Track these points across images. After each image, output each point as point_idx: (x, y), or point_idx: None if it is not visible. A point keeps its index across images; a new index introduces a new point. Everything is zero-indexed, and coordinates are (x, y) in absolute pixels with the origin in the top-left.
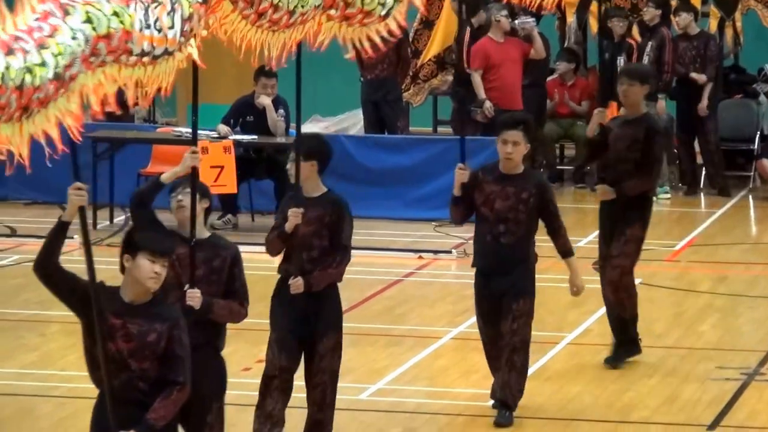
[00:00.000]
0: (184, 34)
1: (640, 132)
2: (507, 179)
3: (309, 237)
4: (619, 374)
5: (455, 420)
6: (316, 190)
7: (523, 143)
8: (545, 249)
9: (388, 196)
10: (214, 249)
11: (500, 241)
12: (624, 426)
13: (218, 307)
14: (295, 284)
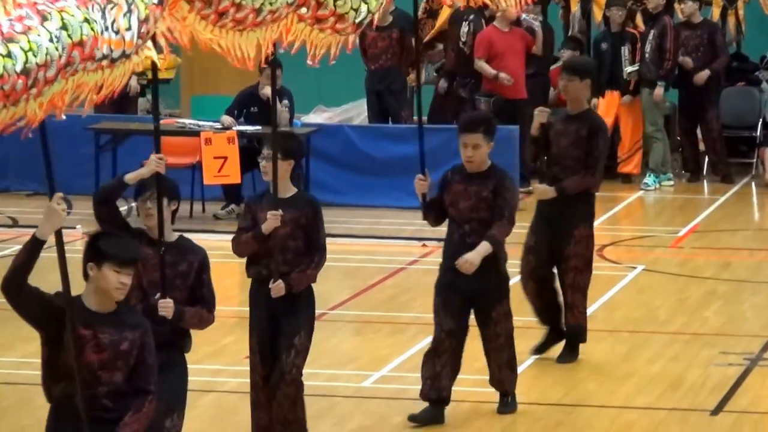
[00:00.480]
0: (141, 35)
1: (583, 129)
2: (471, 179)
3: (284, 239)
4: (623, 360)
5: (458, 407)
6: (289, 190)
7: (485, 144)
8: None
9: (392, 186)
10: (182, 253)
11: (466, 241)
12: (627, 411)
13: (189, 316)
14: (277, 288)
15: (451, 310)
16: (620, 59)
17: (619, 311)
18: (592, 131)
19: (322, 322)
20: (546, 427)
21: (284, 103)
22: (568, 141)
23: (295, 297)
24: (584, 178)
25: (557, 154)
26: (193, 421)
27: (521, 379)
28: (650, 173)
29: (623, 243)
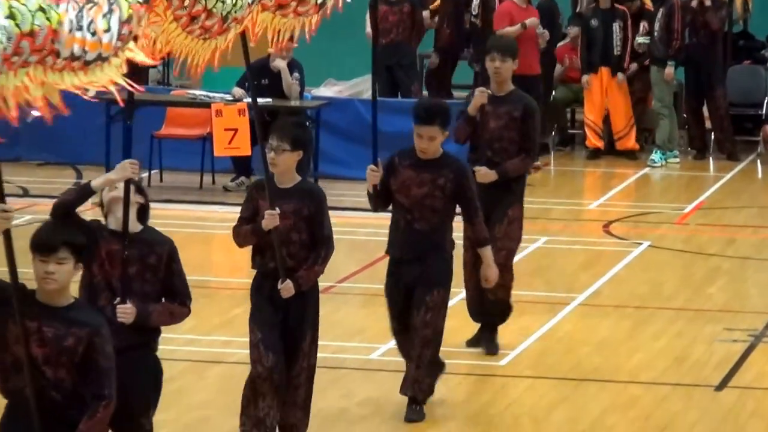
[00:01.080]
0: (121, 37)
1: (516, 110)
2: (423, 165)
3: (287, 231)
4: (628, 336)
5: (466, 379)
6: (292, 179)
7: (440, 136)
8: (556, 212)
9: None
10: (149, 244)
11: (414, 227)
12: (633, 386)
13: (157, 314)
14: (287, 288)
15: (398, 305)
16: (612, 36)
17: (624, 287)
18: (528, 112)
19: (330, 295)
20: (551, 401)
21: (295, 76)
22: (500, 123)
23: (303, 294)
24: (524, 160)
25: (489, 138)
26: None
27: (527, 354)
28: (657, 150)
29: (629, 219)
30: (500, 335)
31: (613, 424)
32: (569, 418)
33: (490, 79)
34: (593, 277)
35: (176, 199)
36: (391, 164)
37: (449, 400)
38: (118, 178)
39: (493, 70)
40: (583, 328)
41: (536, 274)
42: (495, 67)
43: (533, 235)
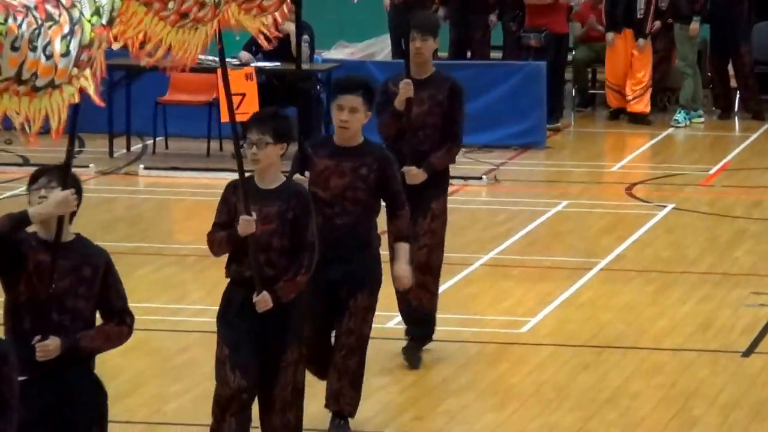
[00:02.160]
0: (79, 63)
1: (441, 92)
2: (343, 153)
3: (267, 236)
4: (652, 301)
5: (485, 348)
6: (276, 179)
7: (363, 110)
8: (576, 174)
9: None
10: (83, 255)
11: (335, 222)
12: (657, 353)
13: (87, 342)
14: (263, 302)
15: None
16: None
17: (648, 250)
18: (453, 95)
19: None
20: (574, 369)
21: (304, 38)
22: (423, 108)
23: (284, 305)
24: (450, 151)
25: (413, 125)
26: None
27: (548, 321)
28: (681, 109)
29: (653, 181)
30: (521, 302)
31: (637, 391)
32: (592, 385)
33: (410, 60)
34: (616, 241)
35: (183, 167)
36: (303, 155)
37: (468, 370)
38: (59, 212)
39: (414, 51)
40: (606, 294)
41: (557, 238)
42: (416, 47)
43: (553, 198)
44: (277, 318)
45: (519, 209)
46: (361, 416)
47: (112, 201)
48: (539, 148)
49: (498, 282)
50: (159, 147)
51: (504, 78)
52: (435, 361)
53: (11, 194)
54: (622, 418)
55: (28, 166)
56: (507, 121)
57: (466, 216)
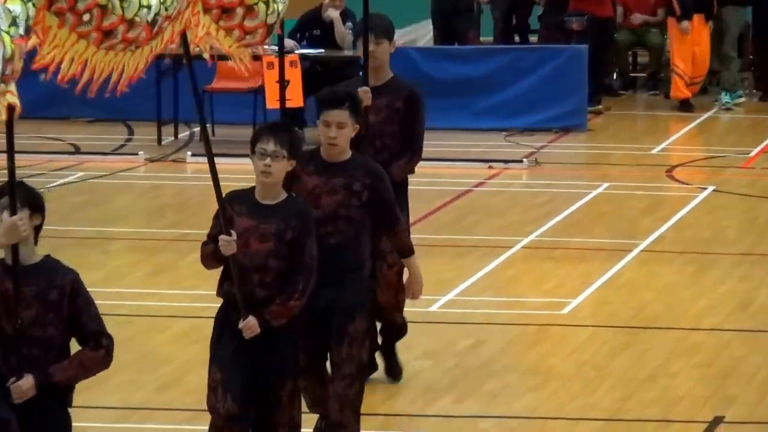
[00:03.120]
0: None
1: (398, 101)
2: (332, 169)
3: (263, 256)
4: (692, 281)
5: (526, 330)
6: (278, 195)
7: (350, 124)
8: (617, 156)
9: (457, 107)
10: (48, 278)
11: (328, 242)
12: (696, 333)
13: (62, 374)
14: (248, 327)
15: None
16: None
17: (688, 232)
18: (411, 103)
19: None
20: (613, 349)
21: (347, 25)
22: (380, 117)
23: (276, 332)
24: (410, 162)
25: (369, 134)
26: None
27: (588, 302)
28: (725, 92)
29: (693, 163)
30: (561, 284)
31: (677, 371)
32: (632, 365)
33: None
34: (656, 222)
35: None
36: (292, 172)
37: (509, 351)
38: (10, 241)
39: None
40: (646, 275)
41: (597, 220)
42: (370, 51)
43: (594, 181)
44: (268, 345)
45: (559, 191)
46: (403, 399)
47: (160, 188)
48: (580, 131)
49: (539, 264)
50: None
51: (546, 61)
52: (476, 344)
53: (63, 182)
54: (661, 398)
55: (78, 154)
56: (548, 104)
57: (507, 199)
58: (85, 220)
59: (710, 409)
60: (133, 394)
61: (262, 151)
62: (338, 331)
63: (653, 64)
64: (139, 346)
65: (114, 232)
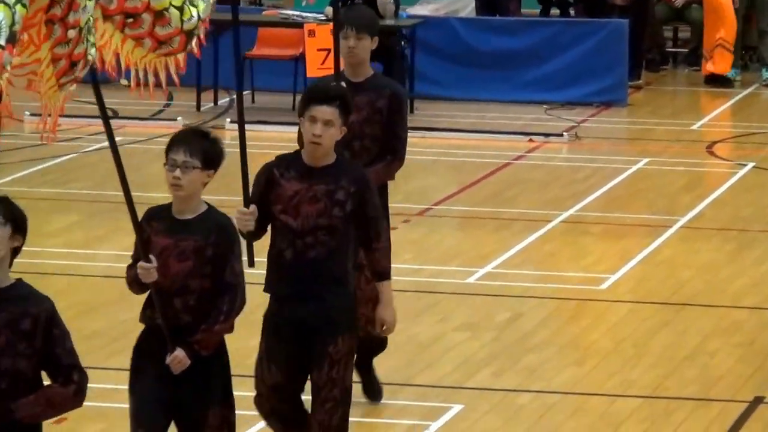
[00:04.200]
0: None
1: (380, 100)
2: (315, 174)
3: (183, 276)
4: (731, 259)
5: (565, 304)
6: (195, 208)
7: (338, 125)
8: (657, 132)
9: (499, 79)
10: (21, 305)
11: (308, 256)
12: (736, 311)
13: (25, 409)
14: (177, 362)
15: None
16: None
17: (727, 209)
18: (394, 102)
19: (426, 218)
20: (653, 326)
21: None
22: (359, 116)
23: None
24: (390, 165)
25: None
26: None
27: (628, 278)
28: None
29: (733, 140)
30: (600, 259)
31: (716, 349)
32: (671, 343)
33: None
34: (696, 199)
35: (269, 120)
36: (267, 176)
37: (548, 326)
38: None
39: (346, 50)
40: (685, 252)
41: (637, 196)
42: (349, 46)
43: (634, 156)
44: (196, 375)
45: (599, 166)
46: (440, 371)
47: None
48: (620, 106)
49: (577, 239)
50: (246, 100)
51: (587, 36)
52: (514, 317)
53: (100, 147)
54: (701, 376)
55: (117, 119)
56: (589, 78)
57: (547, 173)
58: None
59: (750, 388)
60: None
61: (172, 161)
62: (320, 352)
63: (694, 39)
64: None
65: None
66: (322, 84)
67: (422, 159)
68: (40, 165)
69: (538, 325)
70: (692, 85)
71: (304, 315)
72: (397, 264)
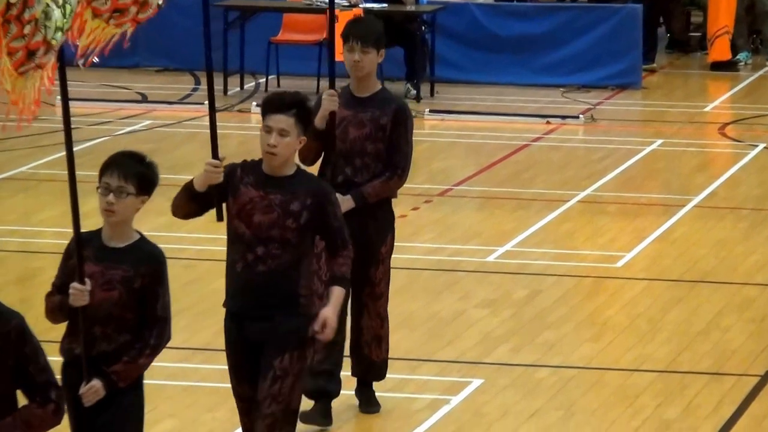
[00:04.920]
0: None
1: (384, 116)
2: (271, 183)
3: (107, 306)
4: (744, 237)
5: (582, 282)
6: (128, 237)
7: (295, 134)
8: (671, 114)
9: (517, 63)
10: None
11: (258, 269)
12: (747, 288)
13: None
14: (91, 393)
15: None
16: None
17: (740, 189)
18: (399, 118)
19: (446, 198)
20: (666, 303)
21: None
22: (361, 132)
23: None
24: (389, 181)
25: (348, 151)
26: None
27: (642, 256)
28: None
29: (744, 121)
30: (616, 238)
31: (729, 325)
32: (684, 319)
33: (350, 73)
34: (709, 179)
35: None
36: (232, 174)
37: (565, 303)
38: None
39: (351, 64)
40: (699, 230)
41: (651, 176)
42: (354, 60)
43: (648, 137)
44: (109, 408)
45: (615, 148)
46: (461, 346)
47: (225, 137)
48: (635, 89)
49: (594, 218)
50: (271, 85)
51: (602, 20)
52: (532, 294)
53: (129, 130)
54: (714, 351)
55: (146, 102)
56: (604, 61)
57: (564, 154)
58: None
59: (763, 362)
60: (195, 335)
61: (105, 185)
62: (265, 364)
63: (705, 24)
64: (200, 289)
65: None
66: (280, 91)
67: (443, 141)
68: None
69: (555, 302)
70: (704, 68)
71: (256, 332)
72: (418, 243)
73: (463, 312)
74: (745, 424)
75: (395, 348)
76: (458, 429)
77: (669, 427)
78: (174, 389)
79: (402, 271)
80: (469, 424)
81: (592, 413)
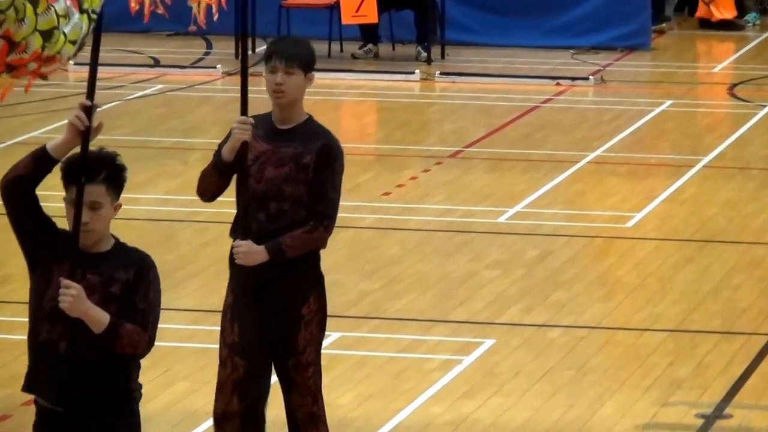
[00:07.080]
0: None
1: (309, 153)
2: (89, 261)
3: None
4: (753, 197)
5: (592, 242)
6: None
7: (108, 203)
8: (680, 75)
9: (527, 25)
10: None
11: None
12: (757, 247)
13: None
14: None
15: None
16: None
17: (749, 149)
18: (324, 159)
19: (458, 159)
20: (677, 262)
21: None
22: (280, 172)
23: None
24: (313, 232)
25: (261, 193)
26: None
27: (653, 216)
28: None
29: (753, 82)
30: (626, 198)
31: (739, 284)
32: (695, 278)
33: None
34: (718, 139)
35: None
36: None
37: (576, 263)
38: None
39: (272, 87)
40: (708, 190)
41: (661, 137)
42: (275, 82)
43: (658, 98)
44: None
45: (624, 109)
46: (473, 307)
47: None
48: (644, 50)
49: (604, 179)
50: None
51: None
52: (543, 255)
53: (142, 94)
54: (724, 310)
55: (158, 67)
56: (613, 23)
57: (574, 115)
58: (165, 131)
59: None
60: (208, 297)
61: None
62: None
63: None
64: (213, 251)
65: (192, 143)
66: (79, 153)
67: (453, 103)
68: None
69: (566, 262)
70: (713, 28)
71: None
72: (430, 205)
73: (475, 273)
74: (755, 383)
75: (408, 309)
76: (471, 389)
77: (680, 386)
78: (187, 351)
79: (414, 232)
80: (482, 384)
81: (603, 372)
